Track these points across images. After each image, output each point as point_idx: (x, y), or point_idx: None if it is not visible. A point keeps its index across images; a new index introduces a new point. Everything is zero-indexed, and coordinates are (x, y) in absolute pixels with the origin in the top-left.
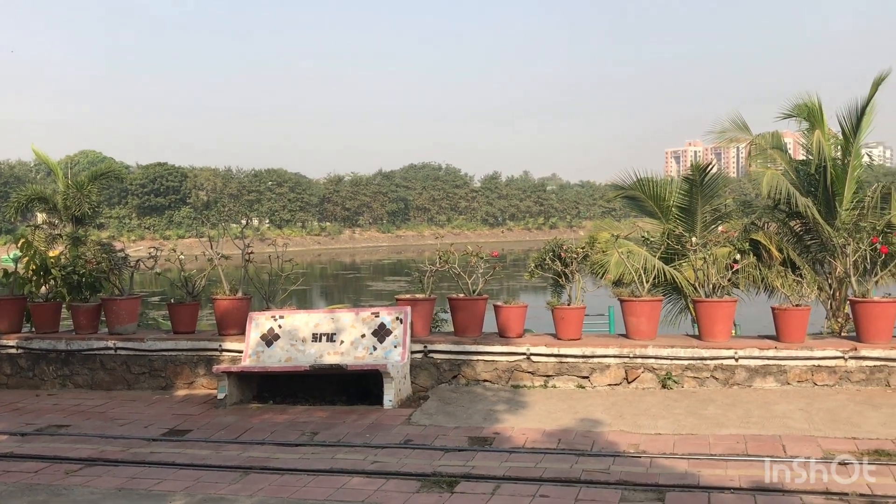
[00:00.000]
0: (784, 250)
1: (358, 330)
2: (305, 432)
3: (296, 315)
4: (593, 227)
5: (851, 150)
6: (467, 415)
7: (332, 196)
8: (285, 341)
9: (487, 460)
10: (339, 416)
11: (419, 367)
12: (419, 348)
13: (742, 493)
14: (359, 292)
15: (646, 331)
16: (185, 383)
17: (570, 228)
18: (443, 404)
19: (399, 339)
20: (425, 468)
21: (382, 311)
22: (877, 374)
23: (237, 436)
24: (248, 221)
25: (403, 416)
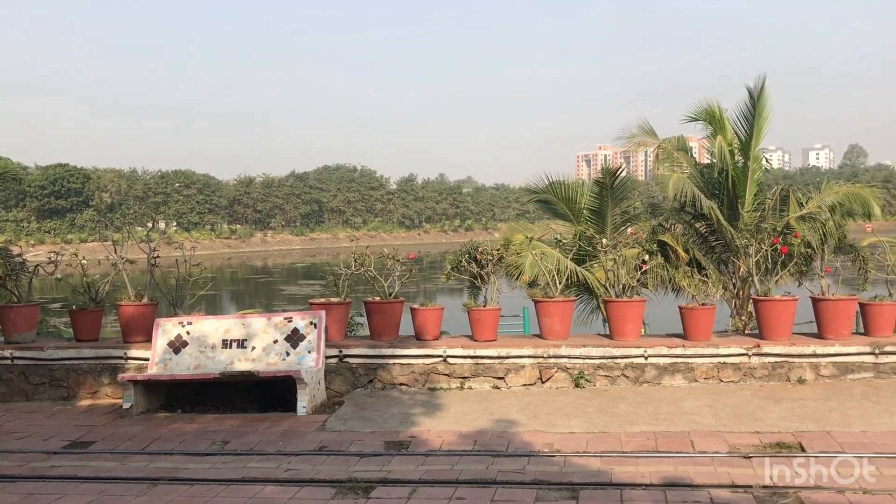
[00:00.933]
0: (690, 251)
1: (270, 335)
2: (216, 441)
3: (205, 321)
4: (508, 230)
5: (751, 154)
6: (383, 419)
7: (243, 198)
8: (194, 348)
9: (403, 464)
10: (252, 423)
11: (334, 372)
12: (334, 353)
13: (653, 489)
14: (271, 297)
15: (559, 331)
16: (89, 393)
17: (486, 230)
18: (358, 409)
19: (313, 345)
20: (340, 474)
21: (296, 315)
22: (778, 370)
23: (144, 446)
24: (154, 224)
25: (318, 422)
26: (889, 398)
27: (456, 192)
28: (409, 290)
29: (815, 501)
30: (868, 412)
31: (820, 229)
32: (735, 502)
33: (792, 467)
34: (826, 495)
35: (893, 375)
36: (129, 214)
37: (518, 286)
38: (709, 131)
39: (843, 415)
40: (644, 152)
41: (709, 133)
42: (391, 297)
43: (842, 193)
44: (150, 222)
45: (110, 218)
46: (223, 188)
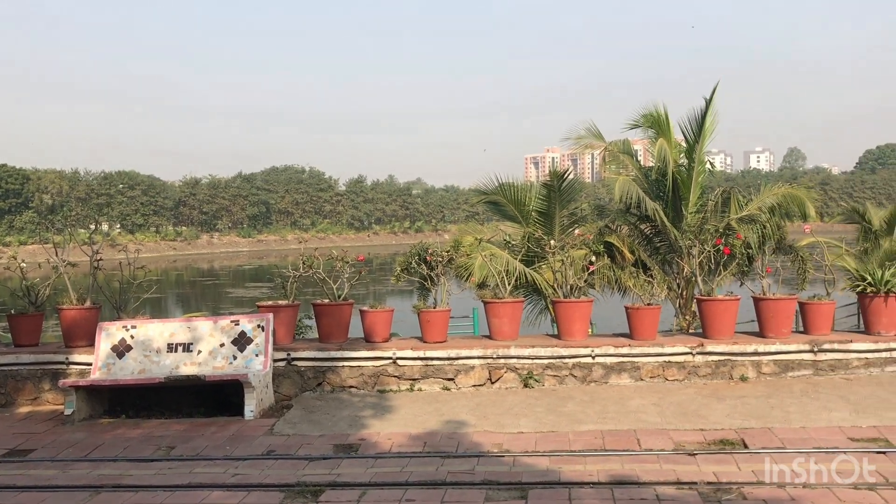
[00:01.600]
0: (636, 252)
1: (217, 339)
2: (161, 447)
3: (150, 325)
4: (458, 231)
5: (695, 157)
6: (332, 422)
7: (189, 199)
8: (138, 352)
9: (353, 467)
10: (198, 428)
11: (282, 375)
12: (282, 356)
13: (601, 487)
14: (218, 300)
15: (508, 331)
16: (28, 400)
17: (436, 232)
18: (307, 412)
19: (261, 348)
20: (289, 478)
21: (243, 318)
22: (721, 368)
23: (86, 453)
24: (97, 226)
25: (266, 426)
26: (827, 394)
27: (406, 194)
28: (359, 292)
29: (757, 497)
30: (807, 408)
31: (760, 230)
32: (680, 499)
33: (735, 464)
34: (768, 490)
35: (831, 372)
36: (70, 216)
37: (468, 287)
38: (651, 134)
39: (783, 411)
40: (591, 155)
41: (652, 136)
42: (340, 300)
43: (780, 195)
44: (92, 224)
45: (51, 220)
46: (168, 189)
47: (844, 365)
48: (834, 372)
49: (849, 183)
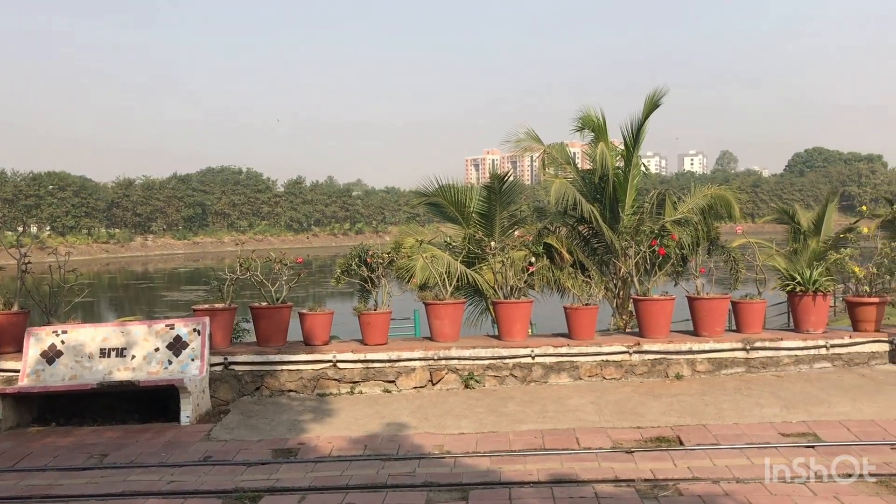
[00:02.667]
0: (574, 253)
1: (151, 343)
2: (94, 455)
3: (81, 329)
4: (399, 233)
5: (632, 160)
6: (271, 427)
7: (122, 201)
8: (69, 358)
9: (292, 472)
10: (132, 435)
11: (219, 379)
12: (219, 360)
13: (540, 487)
14: (152, 303)
15: (449, 333)
16: None
17: (377, 234)
18: (245, 417)
19: (197, 352)
20: (226, 484)
21: (178, 322)
22: (657, 367)
23: (13, 463)
24: (25, 228)
25: (203, 431)
26: (759, 391)
27: (346, 195)
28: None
29: (693, 492)
30: (740, 405)
31: (693, 231)
32: (618, 496)
33: (671, 461)
34: (703, 486)
35: (763, 370)
36: None
37: (409, 289)
38: (590, 138)
39: (717, 408)
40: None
41: (590, 140)
42: (279, 302)
43: (709, 196)
44: (20, 226)
45: None
46: (101, 191)
47: (775, 362)
48: (765, 369)
49: (779, 185)
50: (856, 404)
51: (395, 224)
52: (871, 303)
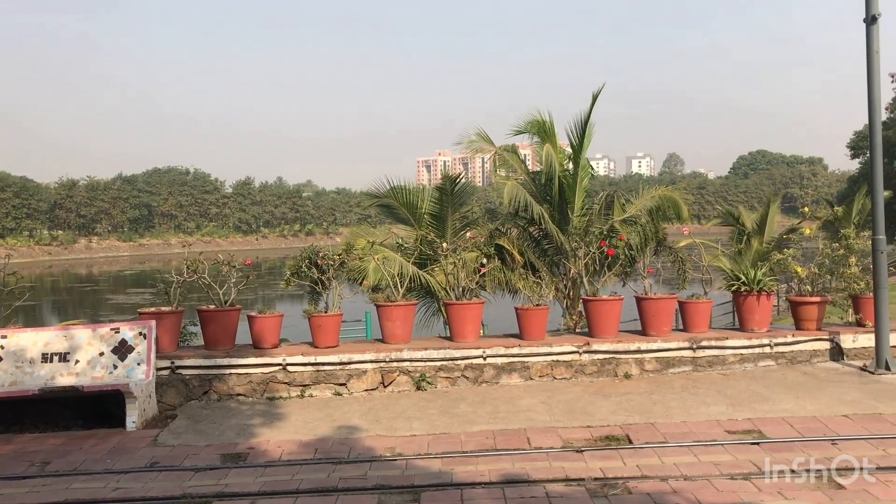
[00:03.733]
0: (525, 254)
1: (96, 348)
2: (35, 462)
3: (22, 334)
4: (350, 234)
5: (580, 162)
6: (220, 431)
7: (65, 202)
8: (9, 363)
9: (242, 477)
10: (76, 441)
11: (166, 384)
12: (166, 364)
13: (492, 487)
14: (97, 307)
15: (401, 334)
16: None
17: (327, 235)
18: (193, 422)
19: (143, 356)
20: (174, 491)
21: (124, 326)
22: (607, 366)
23: None
24: None
25: (149, 437)
26: (706, 390)
27: (296, 196)
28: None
29: (642, 490)
30: (687, 403)
31: (641, 232)
32: (569, 496)
33: (620, 459)
34: (652, 484)
35: (709, 368)
36: None
37: (360, 291)
38: (537, 140)
39: (665, 407)
40: (481, 159)
41: (538, 142)
42: (227, 305)
43: (657, 197)
44: None
45: None
46: (43, 191)
47: (721, 361)
48: (712, 368)
49: (724, 187)
50: (799, 401)
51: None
52: (812, 302)
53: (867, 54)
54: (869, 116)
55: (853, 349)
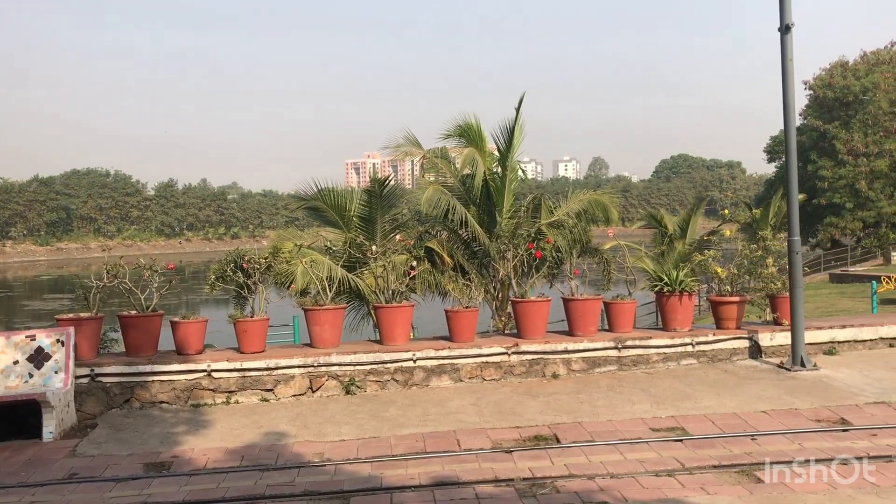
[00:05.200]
0: (455, 256)
1: (9, 356)
2: None
3: None
4: (277, 237)
5: (507, 165)
6: (142, 440)
7: None
8: None
9: (166, 486)
10: None
11: (86, 392)
12: (85, 372)
13: (422, 490)
14: (11, 313)
15: (329, 339)
16: None
17: (254, 238)
18: (114, 431)
19: (61, 364)
20: (94, 502)
21: (40, 333)
22: (535, 367)
23: None
24: None
25: (68, 447)
26: (630, 388)
27: (220, 199)
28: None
29: (570, 489)
30: (613, 402)
31: (568, 234)
32: (498, 496)
33: (549, 459)
34: (579, 482)
35: (634, 367)
36: None
37: (288, 295)
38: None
39: (592, 406)
40: (411, 161)
41: (464, 145)
42: (149, 311)
43: (585, 201)
44: None
45: None
46: None
47: (645, 360)
48: (636, 367)
49: (647, 190)
50: (719, 398)
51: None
52: (732, 302)
53: (782, 62)
54: (784, 122)
55: (771, 347)
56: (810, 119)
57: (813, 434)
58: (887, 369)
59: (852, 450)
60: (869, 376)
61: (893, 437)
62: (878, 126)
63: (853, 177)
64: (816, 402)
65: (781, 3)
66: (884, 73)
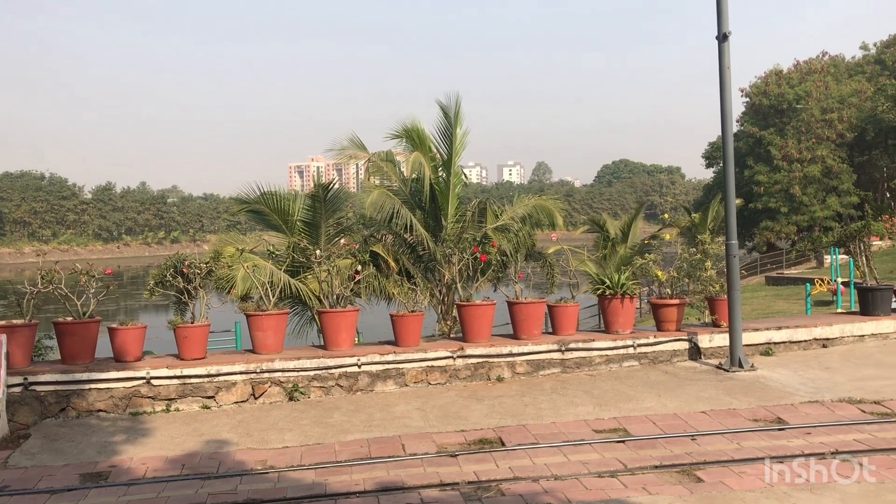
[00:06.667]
0: (400, 261)
1: None
2: None
3: None
4: (218, 242)
5: (451, 169)
6: (79, 450)
7: None
8: None
9: (103, 497)
10: None
11: (19, 402)
12: (18, 381)
13: (367, 496)
14: None
15: (272, 344)
16: None
17: (194, 243)
18: (49, 441)
19: None
20: None
21: None
22: (480, 370)
23: None
24: None
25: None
26: (574, 390)
27: (160, 202)
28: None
29: (514, 492)
30: (557, 404)
31: (513, 239)
32: (444, 500)
33: (493, 462)
34: (524, 485)
35: (577, 369)
36: None
37: (230, 300)
38: (408, 146)
39: (536, 408)
40: (356, 165)
41: (408, 149)
42: (86, 317)
43: (531, 206)
44: None
45: None
46: None
47: (588, 362)
48: (580, 369)
49: (589, 195)
50: (660, 399)
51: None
52: (672, 304)
53: (720, 70)
54: (722, 128)
55: (710, 348)
56: (747, 125)
57: (751, 433)
58: (821, 369)
59: (788, 448)
60: (803, 376)
61: (827, 436)
62: (811, 133)
63: (788, 182)
64: (754, 402)
65: (719, 13)
66: (816, 81)
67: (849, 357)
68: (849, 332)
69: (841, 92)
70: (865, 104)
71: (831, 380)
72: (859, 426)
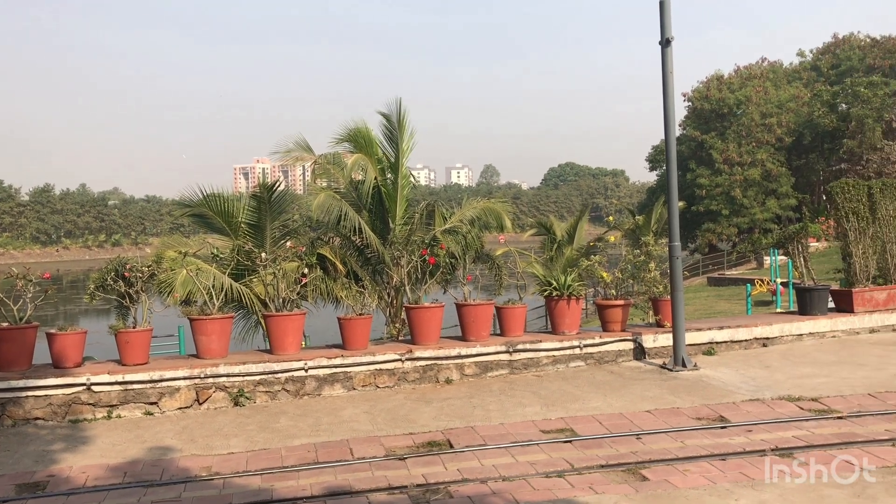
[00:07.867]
0: (348, 263)
1: None
2: None
3: None
4: (160, 245)
5: (399, 171)
6: (14, 459)
7: None
8: None
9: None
10: None
11: None
12: None
13: (314, 501)
14: None
15: (217, 349)
16: None
17: (136, 246)
18: None
19: None
20: None
21: None
22: (429, 372)
23: None
24: None
25: None
26: (522, 391)
27: (101, 205)
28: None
29: (463, 494)
30: (505, 405)
31: (462, 241)
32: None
33: (442, 464)
34: (472, 487)
35: (524, 370)
36: None
37: (172, 304)
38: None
39: (484, 410)
40: (302, 166)
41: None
42: (22, 322)
43: (479, 208)
44: None
45: None
46: None
47: (535, 363)
48: (527, 370)
49: (536, 197)
50: (606, 399)
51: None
52: (617, 305)
53: (663, 74)
54: (665, 132)
55: (654, 348)
56: (689, 129)
57: (694, 432)
58: (761, 368)
59: (730, 446)
60: (745, 375)
61: (767, 433)
62: (751, 137)
63: (729, 185)
64: (697, 400)
65: (662, 19)
66: (755, 87)
67: (788, 356)
68: (788, 331)
69: (779, 97)
70: (803, 109)
71: (771, 378)
72: (798, 423)
